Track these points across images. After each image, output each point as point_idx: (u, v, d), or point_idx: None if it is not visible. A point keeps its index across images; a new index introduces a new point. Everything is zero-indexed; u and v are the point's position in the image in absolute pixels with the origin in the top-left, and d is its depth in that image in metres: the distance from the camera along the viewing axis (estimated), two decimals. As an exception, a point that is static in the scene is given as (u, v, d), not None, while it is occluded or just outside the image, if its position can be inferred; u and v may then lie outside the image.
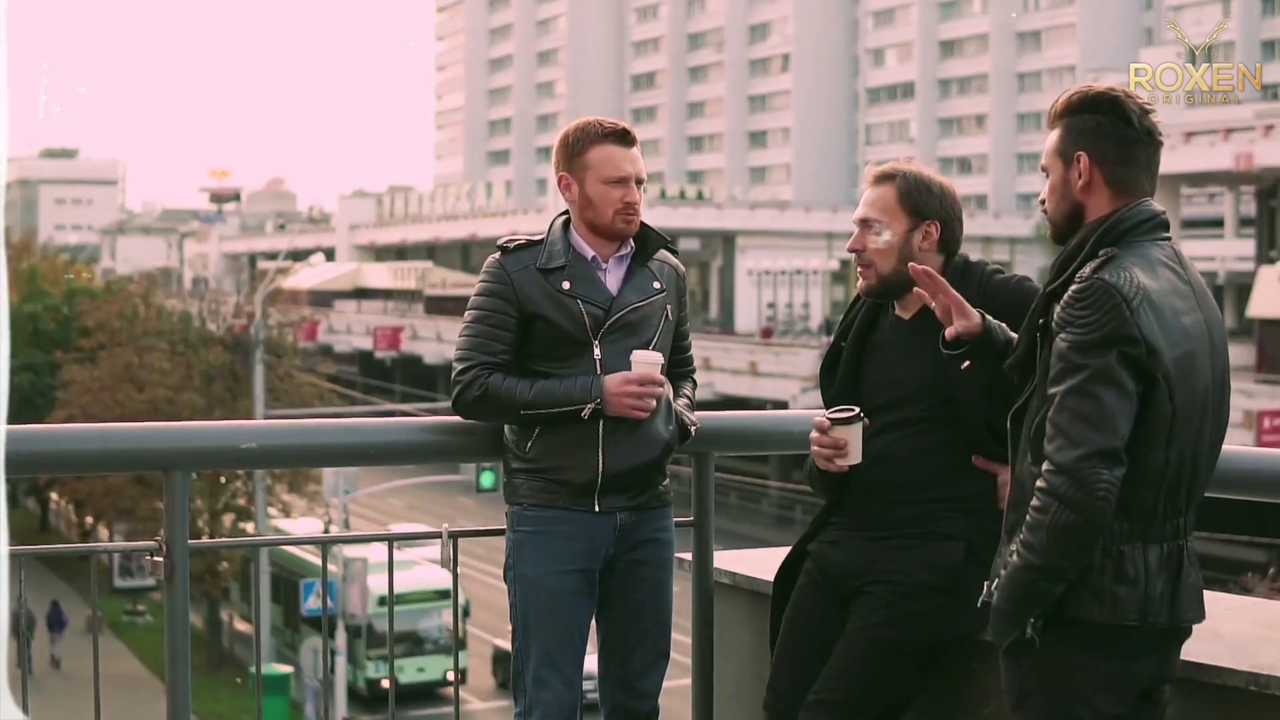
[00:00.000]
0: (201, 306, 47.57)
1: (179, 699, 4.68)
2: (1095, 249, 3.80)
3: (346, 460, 5.18)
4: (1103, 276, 3.72)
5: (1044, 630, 3.75)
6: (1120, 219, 3.83)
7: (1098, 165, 3.88)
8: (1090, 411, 3.66)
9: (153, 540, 4.69)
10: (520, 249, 4.83)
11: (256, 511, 37.67)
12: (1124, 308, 3.66)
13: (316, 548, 10.24)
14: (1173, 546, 3.76)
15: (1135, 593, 3.71)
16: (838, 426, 4.41)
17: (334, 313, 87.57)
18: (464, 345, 4.79)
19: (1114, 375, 3.66)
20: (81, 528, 49.92)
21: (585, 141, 4.81)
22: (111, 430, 4.88)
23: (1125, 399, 3.65)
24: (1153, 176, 3.93)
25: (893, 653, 4.32)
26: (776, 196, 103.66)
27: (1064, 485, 3.65)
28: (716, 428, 5.36)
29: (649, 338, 4.80)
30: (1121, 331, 3.66)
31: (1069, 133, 3.92)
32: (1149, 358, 3.66)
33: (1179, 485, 3.75)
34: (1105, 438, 3.63)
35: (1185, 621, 3.80)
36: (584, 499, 4.74)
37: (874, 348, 4.56)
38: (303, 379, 46.20)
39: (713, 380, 53.45)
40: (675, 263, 4.98)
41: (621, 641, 4.89)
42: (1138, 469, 3.69)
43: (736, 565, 5.30)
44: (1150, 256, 3.79)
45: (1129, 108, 3.87)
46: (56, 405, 44.13)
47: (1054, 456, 3.68)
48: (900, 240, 4.46)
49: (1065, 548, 3.66)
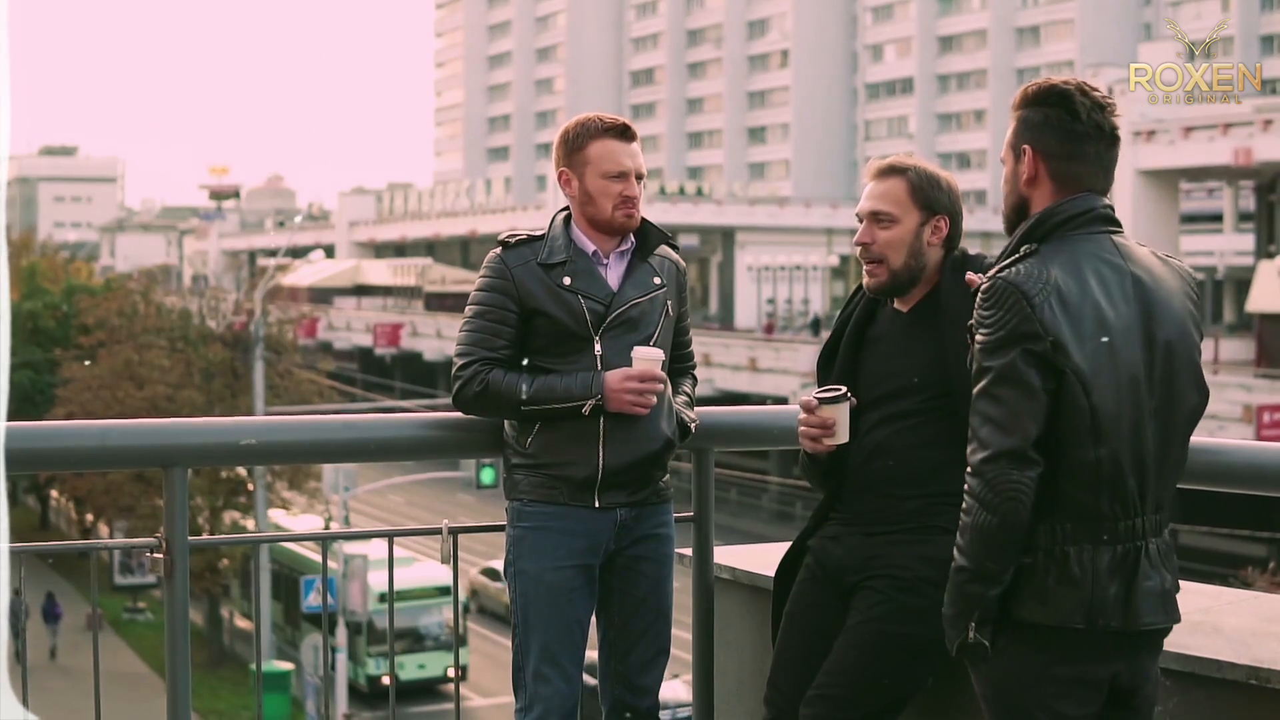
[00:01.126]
0: (201, 304, 47.55)
1: (179, 694, 4.67)
2: (1018, 245, 3.79)
3: (346, 456, 5.16)
4: (1005, 275, 3.69)
5: (995, 633, 3.72)
6: (1050, 213, 3.80)
7: (1042, 159, 3.85)
8: (996, 414, 3.64)
9: (153, 537, 4.69)
10: (521, 244, 4.82)
11: (256, 508, 37.64)
12: (1024, 304, 3.63)
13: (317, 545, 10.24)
14: (1129, 548, 3.69)
15: (1080, 594, 3.66)
16: (824, 406, 4.42)
17: (334, 310, 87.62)
18: (464, 340, 4.79)
19: (1018, 375, 3.63)
20: (82, 525, 49.92)
21: (585, 137, 4.81)
22: (110, 426, 4.87)
23: (1031, 398, 3.62)
24: (1104, 172, 3.88)
25: (893, 647, 4.31)
26: (776, 192, 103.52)
27: (979, 488, 3.65)
28: (716, 423, 5.35)
29: (650, 333, 4.79)
30: (1023, 329, 3.63)
31: (1018, 125, 3.90)
32: (1055, 353, 3.62)
33: (1122, 484, 3.68)
34: (1011, 439, 3.61)
35: (1145, 626, 3.72)
36: (584, 495, 4.74)
37: (872, 340, 4.56)
38: (302, 376, 46.19)
39: (712, 376, 53.47)
40: (676, 258, 4.97)
41: (622, 637, 4.88)
42: (1067, 468, 3.65)
43: (737, 560, 5.29)
44: (1076, 251, 3.74)
45: (1077, 103, 3.82)
46: (56, 403, 44.13)
47: (970, 460, 3.69)
48: (912, 234, 4.44)
49: (988, 550, 3.65)
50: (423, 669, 33.23)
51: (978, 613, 3.70)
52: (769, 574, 4.80)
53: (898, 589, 4.35)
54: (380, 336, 77.01)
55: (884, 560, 4.39)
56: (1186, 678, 4.12)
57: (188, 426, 4.97)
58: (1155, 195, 50.59)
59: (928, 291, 4.47)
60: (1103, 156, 3.87)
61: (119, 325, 44.89)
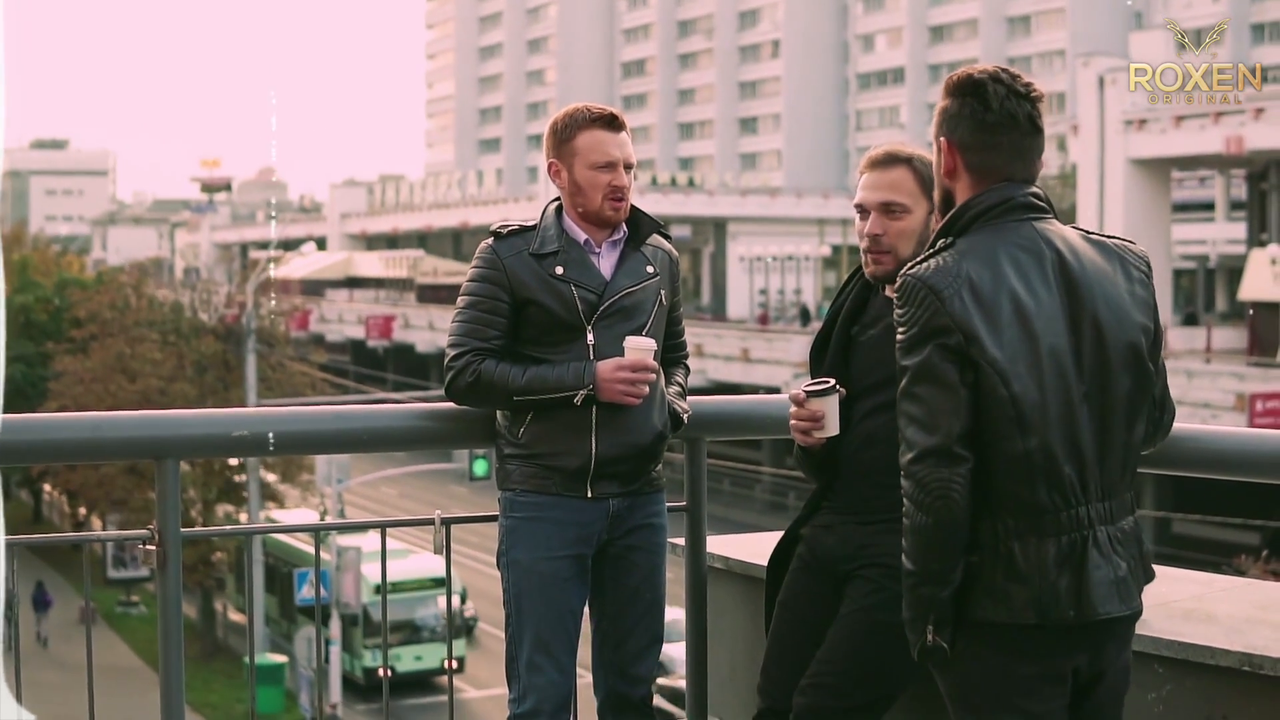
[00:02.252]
0: (193, 296, 47.57)
1: (172, 686, 4.67)
2: (935, 239, 3.76)
3: (339, 447, 5.17)
4: (914, 272, 3.66)
5: (954, 635, 3.70)
6: (966, 206, 3.75)
7: (958, 150, 3.80)
8: (918, 412, 3.61)
9: (145, 529, 4.69)
10: (513, 234, 4.82)
11: (250, 501, 37.67)
12: (933, 299, 3.60)
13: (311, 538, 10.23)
14: (1074, 538, 3.64)
15: (1029, 590, 3.62)
16: (813, 399, 4.41)
17: (326, 302, 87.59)
18: (457, 331, 4.79)
19: (932, 371, 3.60)
20: (74, 518, 49.89)
21: (573, 127, 4.80)
22: (102, 419, 4.86)
23: (948, 392, 3.59)
24: (1022, 161, 3.79)
25: (886, 636, 4.30)
26: (767, 183, 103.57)
27: (911, 489, 3.63)
28: (709, 413, 5.36)
29: (642, 322, 4.79)
30: (934, 323, 3.60)
31: (938, 117, 3.85)
32: (969, 345, 3.58)
33: (1057, 474, 3.62)
34: (934, 437, 3.58)
35: (1101, 616, 3.66)
36: (576, 485, 4.74)
37: (864, 329, 4.55)
38: (295, 368, 46.21)
39: (705, 367, 53.49)
40: (668, 247, 4.97)
41: (615, 627, 4.87)
42: (997, 461, 3.61)
43: (730, 550, 5.30)
44: (992, 241, 3.68)
45: (990, 92, 3.75)
46: (48, 396, 44.12)
47: (901, 461, 3.66)
48: (922, 224, 4.42)
49: (929, 550, 3.63)
50: (419, 661, 33.18)
51: (933, 615, 3.68)
52: (762, 563, 4.80)
53: (890, 578, 4.34)
54: (372, 328, 76.99)
55: (876, 549, 4.39)
56: (1179, 665, 4.12)
57: (179, 418, 4.97)
58: (1147, 184, 50.60)
59: None
60: (1019, 145, 3.78)
61: (111, 318, 44.87)
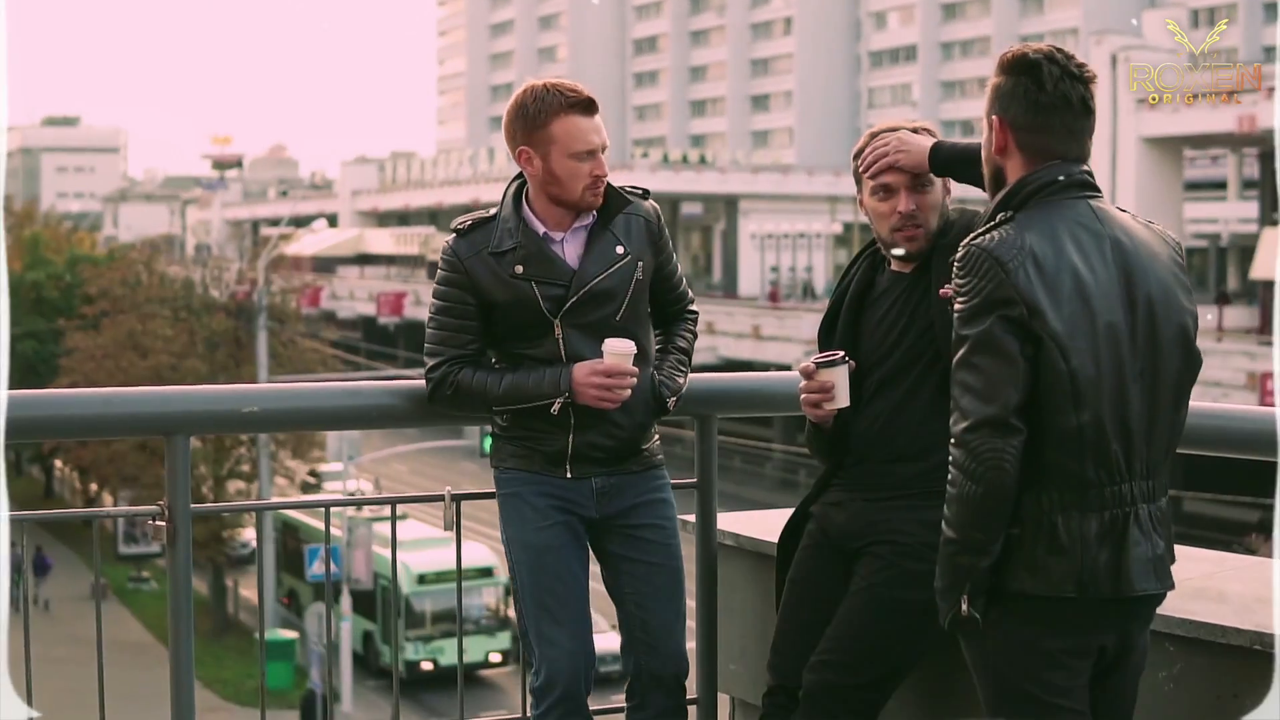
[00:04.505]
0: (204, 273, 47.60)
1: (182, 661, 4.67)
2: (994, 213, 3.79)
3: (349, 424, 5.14)
4: (979, 243, 3.69)
5: (987, 606, 3.72)
6: (1024, 181, 3.79)
7: (1010, 129, 3.84)
8: (974, 382, 3.63)
9: (155, 505, 4.69)
10: (474, 229, 4.69)
11: (260, 476, 37.70)
12: (999, 270, 3.62)
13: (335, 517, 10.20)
14: (1116, 514, 3.68)
15: (1069, 563, 3.65)
16: (823, 369, 4.42)
17: (337, 279, 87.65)
18: (432, 340, 4.71)
19: (994, 342, 3.61)
20: (86, 495, 50.00)
21: (547, 113, 4.57)
22: (112, 394, 4.85)
23: (1008, 364, 3.61)
24: (1075, 141, 3.83)
25: (896, 612, 4.31)
26: (779, 160, 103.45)
27: (962, 458, 3.65)
28: (720, 389, 5.35)
29: (615, 309, 4.65)
30: (998, 294, 3.62)
31: (991, 93, 3.90)
32: (1031, 318, 3.61)
33: (1105, 449, 3.66)
34: (991, 407, 3.60)
35: (1137, 592, 3.71)
36: (556, 467, 4.69)
37: (871, 306, 4.55)
38: (306, 345, 46.28)
39: (716, 344, 53.48)
40: (645, 209, 4.77)
41: (639, 606, 4.77)
42: (1048, 435, 3.64)
43: (740, 527, 5.29)
44: (1054, 216, 3.73)
45: (1044, 72, 3.79)
46: (60, 373, 44.19)
47: (953, 430, 3.68)
48: (942, 195, 4.51)
49: (974, 520, 3.64)
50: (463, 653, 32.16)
51: (969, 584, 3.70)
52: (772, 540, 4.80)
53: (900, 554, 4.35)
54: (383, 305, 77.01)
55: (886, 526, 4.39)
56: (1190, 643, 4.11)
57: (189, 394, 4.96)
58: (1159, 163, 50.49)
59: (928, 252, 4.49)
60: (1071, 126, 3.83)
61: (122, 295, 44.93)
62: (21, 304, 50.30)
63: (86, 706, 4.84)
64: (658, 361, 4.83)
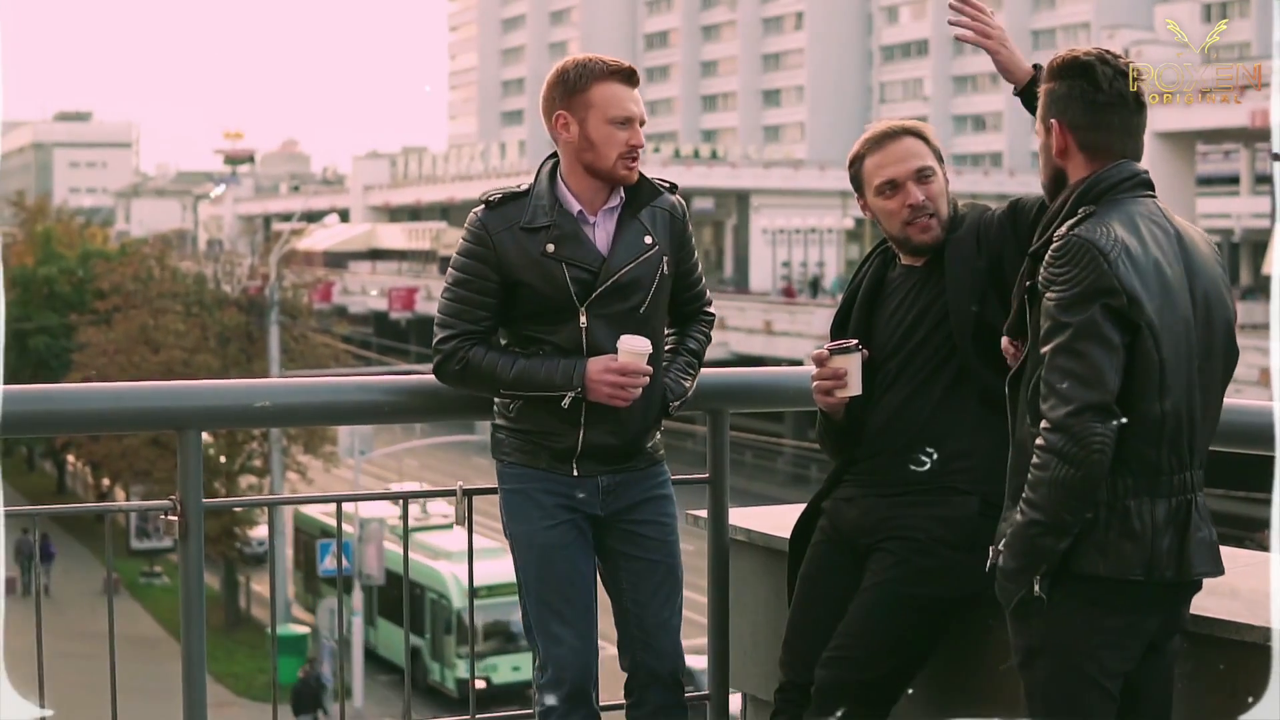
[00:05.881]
0: (216, 268, 47.57)
1: (193, 655, 4.67)
2: (1074, 208, 3.86)
3: (361, 418, 5.16)
4: (1079, 233, 3.76)
5: (1051, 587, 3.78)
6: (1099, 179, 3.88)
7: (1070, 131, 3.93)
8: (1079, 368, 3.69)
9: (167, 499, 4.69)
10: (506, 202, 4.61)
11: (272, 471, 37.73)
12: (1101, 260, 3.70)
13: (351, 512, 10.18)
14: (1181, 501, 3.81)
15: (1141, 547, 3.75)
16: (836, 356, 4.44)
17: (348, 274, 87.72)
18: (445, 310, 4.61)
19: (1098, 329, 3.69)
20: (98, 489, 50.04)
21: (588, 78, 4.55)
22: (124, 389, 4.86)
23: (1111, 352, 3.69)
24: (1131, 139, 3.96)
25: (908, 608, 4.31)
26: (790, 155, 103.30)
27: (1061, 442, 3.69)
28: (732, 384, 5.34)
29: (640, 300, 4.60)
30: (1101, 284, 3.70)
31: (1045, 99, 3.99)
32: (1131, 308, 3.70)
33: (1179, 438, 3.79)
34: (1096, 393, 3.67)
35: (1195, 576, 3.85)
36: (562, 465, 4.63)
37: (884, 300, 4.56)
38: (318, 340, 46.22)
39: (728, 339, 53.44)
40: (672, 202, 4.72)
41: (635, 602, 4.75)
42: (1136, 422, 3.73)
43: (752, 523, 5.28)
44: (1129, 212, 3.83)
45: (1099, 73, 3.90)
46: (72, 367, 44.19)
47: (1049, 414, 3.72)
48: (945, 183, 4.55)
49: (1066, 502, 3.70)
50: (517, 671, 29.67)
51: (1045, 566, 3.76)
52: (784, 536, 4.79)
53: (912, 550, 4.34)
54: (395, 300, 77.02)
55: (898, 521, 4.39)
56: (1203, 639, 4.11)
57: (201, 389, 4.97)
58: (1171, 157, 50.41)
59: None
60: (1129, 123, 3.94)
61: (134, 290, 44.90)
62: (34, 299, 50.40)
63: (98, 701, 4.84)
64: (667, 362, 4.78)
